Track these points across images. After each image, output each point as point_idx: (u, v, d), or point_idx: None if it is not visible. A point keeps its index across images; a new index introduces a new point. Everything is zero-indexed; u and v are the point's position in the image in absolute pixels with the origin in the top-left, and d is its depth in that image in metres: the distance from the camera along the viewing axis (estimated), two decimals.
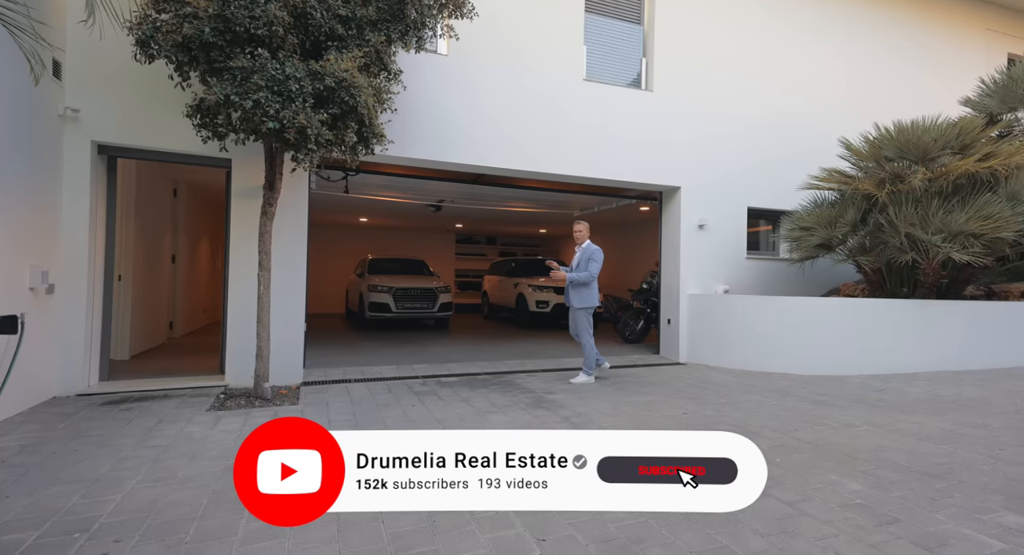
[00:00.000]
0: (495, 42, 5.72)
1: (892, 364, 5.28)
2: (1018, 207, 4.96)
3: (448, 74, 5.58)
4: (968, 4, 8.84)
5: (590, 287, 5.21)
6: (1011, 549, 2.03)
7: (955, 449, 3.19)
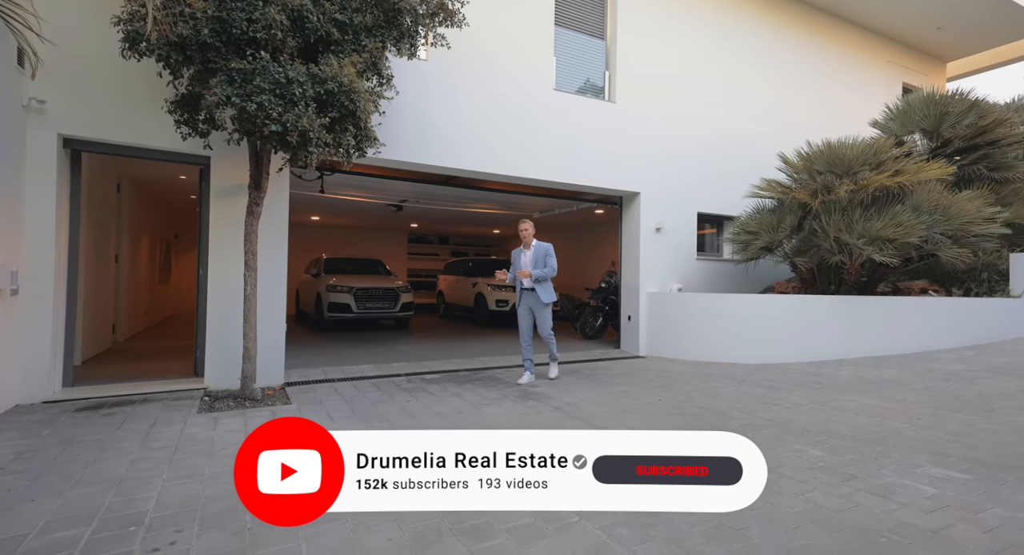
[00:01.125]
0: (473, 50, 5.92)
1: (824, 352, 6.05)
2: (920, 216, 5.86)
3: (428, 79, 5.73)
4: (874, 38, 10.08)
5: (550, 282, 5.31)
6: (939, 492, 2.55)
7: (884, 420, 3.81)
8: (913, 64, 10.86)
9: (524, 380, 5.23)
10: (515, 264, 5.42)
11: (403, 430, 1.82)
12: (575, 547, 2.07)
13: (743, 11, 8.27)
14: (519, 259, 5.42)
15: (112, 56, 4.35)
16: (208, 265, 4.85)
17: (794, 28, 8.88)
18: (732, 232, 7.17)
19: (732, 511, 1.66)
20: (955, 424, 3.63)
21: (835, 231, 5.76)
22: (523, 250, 5.44)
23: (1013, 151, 7.49)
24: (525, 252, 5.41)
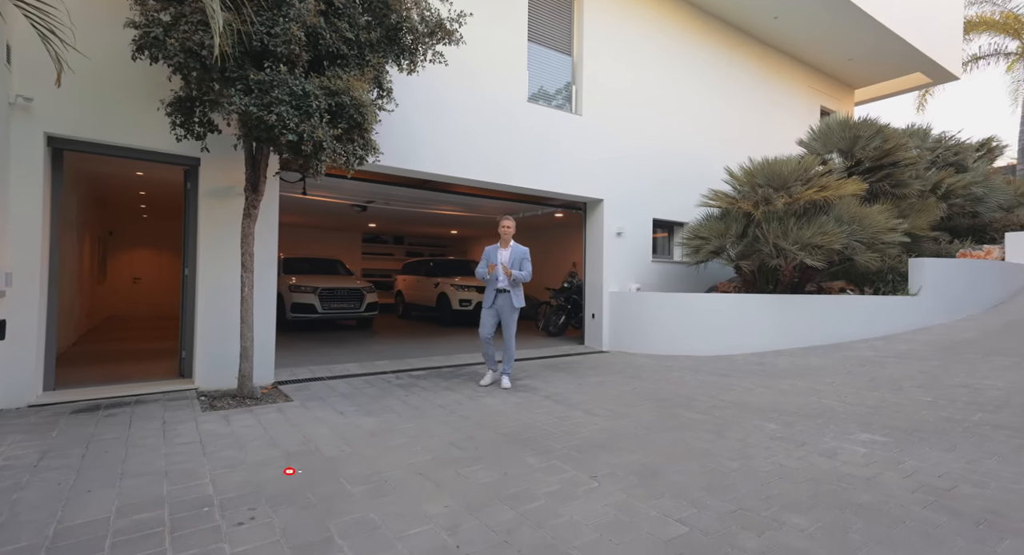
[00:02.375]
0: (454, 63, 6.23)
1: (763, 344, 6.89)
2: (841, 226, 6.82)
3: (415, 90, 5.97)
4: (798, 65, 11.32)
5: (521, 287, 5.21)
6: (868, 451, 3.22)
7: (819, 399, 4.55)
8: (828, 89, 12.28)
9: (486, 380, 5.18)
10: (490, 261, 5.16)
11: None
12: (603, 503, 2.50)
13: (689, 37, 9.08)
14: (495, 257, 5.18)
15: (101, 55, 4.32)
16: (198, 265, 4.87)
17: (732, 53, 9.84)
18: (684, 237, 7.93)
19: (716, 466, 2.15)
20: (873, 400, 4.42)
21: (774, 238, 6.60)
22: (499, 248, 5.23)
23: (908, 171, 8.77)
24: (502, 251, 5.21)
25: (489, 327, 5.17)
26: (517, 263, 5.14)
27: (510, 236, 5.23)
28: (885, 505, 2.47)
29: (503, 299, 5.14)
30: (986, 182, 10.50)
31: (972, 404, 4.19)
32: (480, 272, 5.22)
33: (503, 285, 5.12)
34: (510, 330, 5.18)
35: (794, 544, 2.12)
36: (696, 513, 2.40)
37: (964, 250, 9.62)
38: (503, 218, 5.29)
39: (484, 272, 5.17)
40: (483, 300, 5.29)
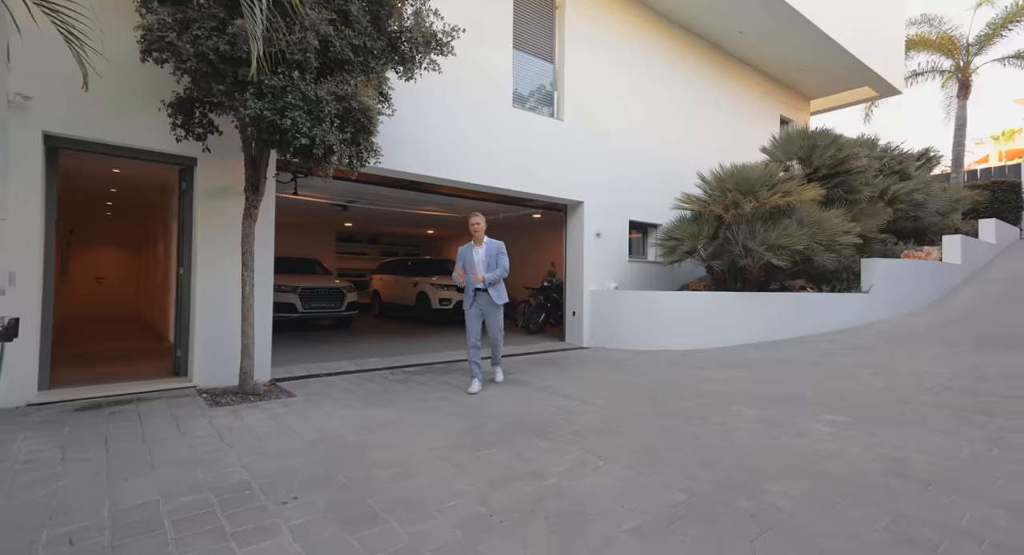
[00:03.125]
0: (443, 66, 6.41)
1: (734, 338, 7.38)
2: (803, 228, 7.39)
3: (405, 93, 6.12)
4: (760, 77, 12.01)
5: (503, 283, 5.10)
6: (834, 430, 3.63)
7: (788, 387, 5.00)
8: (787, 100, 13.06)
9: (474, 388, 4.83)
10: (465, 261, 5.03)
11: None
12: (611, 478, 2.79)
13: (662, 49, 9.54)
14: (470, 256, 5.02)
15: (98, 55, 4.31)
16: (196, 265, 4.90)
17: (701, 64, 10.38)
18: (659, 238, 8.36)
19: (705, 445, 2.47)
20: (835, 387, 4.90)
21: (743, 239, 7.09)
22: (474, 247, 5.06)
23: (859, 178, 9.50)
24: (476, 249, 5.03)
25: (476, 331, 4.99)
26: (493, 259, 4.98)
27: (483, 232, 5.07)
28: (851, 472, 2.86)
29: (484, 298, 5.02)
30: (926, 189, 11.43)
31: (918, 388, 4.71)
32: (454, 276, 5.10)
33: (479, 285, 4.97)
34: (495, 326, 5.09)
35: (780, 504, 2.46)
36: (693, 484, 2.72)
37: (908, 251, 10.48)
38: (472, 215, 5.09)
39: (454, 277, 5.05)
40: (463, 301, 5.13)
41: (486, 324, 5.12)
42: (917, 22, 15.27)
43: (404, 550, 2.05)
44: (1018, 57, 14.63)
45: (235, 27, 3.68)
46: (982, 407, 4.08)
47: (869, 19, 11.76)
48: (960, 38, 15.10)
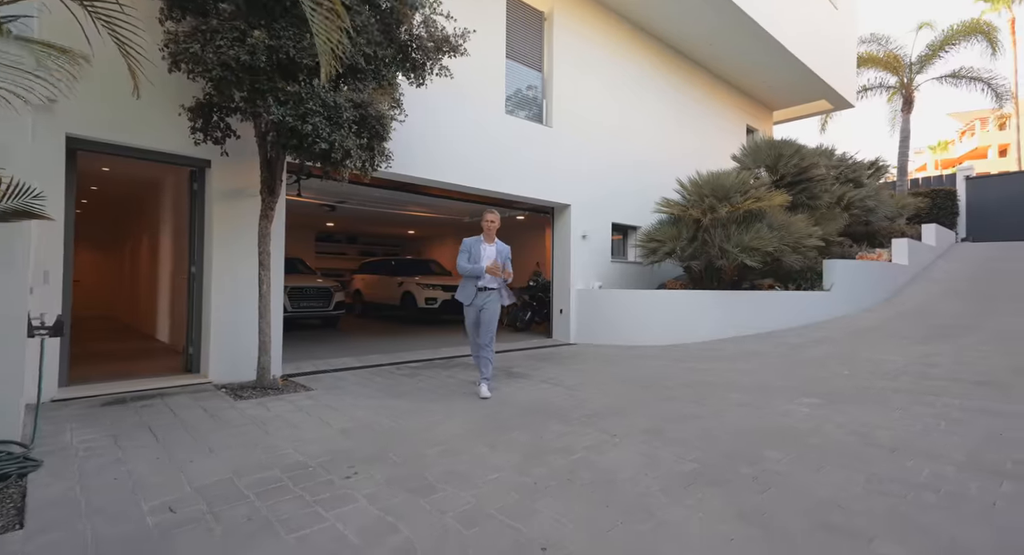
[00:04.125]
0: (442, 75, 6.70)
1: (711, 333, 7.94)
2: (773, 232, 8.02)
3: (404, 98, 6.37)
4: (729, 88, 12.75)
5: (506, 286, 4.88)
6: (810, 411, 4.13)
7: (764, 376, 5.52)
8: (753, 110, 13.88)
9: (484, 392, 4.60)
10: (473, 253, 4.75)
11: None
12: (629, 452, 3.18)
13: (641, 59, 10.07)
14: (478, 250, 4.73)
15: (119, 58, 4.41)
16: (212, 264, 5.03)
17: (677, 75, 10.99)
18: (640, 239, 8.86)
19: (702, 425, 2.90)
20: (805, 375, 5.45)
21: (720, 241, 7.66)
22: (483, 243, 4.78)
23: (820, 186, 10.28)
24: (486, 245, 4.77)
25: (476, 328, 4.73)
26: (502, 262, 4.75)
27: (494, 230, 4.82)
28: (828, 443, 3.34)
29: (487, 296, 4.70)
30: (876, 196, 12.39)
31: (877, 374, 5.32)
32: (470, 268, 4.63)
33: (489, 284, 4.70)
34: (492, 330, 4.71)
35: (775, 469, 2.90)
36: (700, 455, 3.13)
37: (862, 253, 11.38)
38: (488, 211, 4.83)
39: (475, 268, 4.60)
40: (459, 295, 4.77)
41: (481, 325, 4.70)
42: (867, 40, 16.45)
43: (472, 509, 2.37)
44: (953, 76, 15.99)
45: (254, 38, 3.88)
46: (931, 389, 4.69)
47: (826, 37, 12.66)
48: (904, 57, 16.36)
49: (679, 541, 2.13)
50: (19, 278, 2.97)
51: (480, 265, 4.65)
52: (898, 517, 2.32)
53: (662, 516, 2.35)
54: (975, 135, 42.86)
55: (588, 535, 2.17)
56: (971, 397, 4.37)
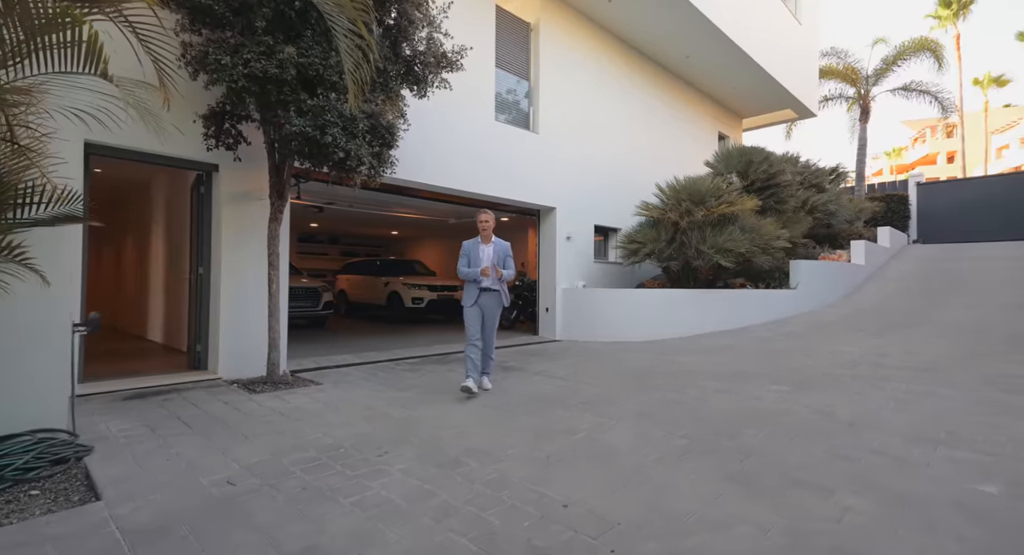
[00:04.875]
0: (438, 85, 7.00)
1: (688, 329, 8.46)
2: (745, 234, 8.60)
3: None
4: (702, 97, 13.41)
5: (505, 284, 4.94)
6: (780, 396, 4.62)
7: (738, 366, 6.03)
8: (724, 118, 14.60)
9: (486, 384, 4.86)
10: (471, 257, 4.83)
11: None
12: (625, 431, 3.58)
13: (622, 70, 10.57)
14: (476, 252, 4.81)
15: (135, 66, 4.58)
16: (221, 266, 5.21)
17: (655, 84, 11.54)
18: (622, 241, 9.34)
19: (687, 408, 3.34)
20: (775, 364, 5.98)
21: (696, 243, 8.19)
22: (481, 244, 4.84)
23: (786, 191, 10.98)
24: (484, 247, 4.83)
25: (477, 328, 4.79)
26: (501, 260, 4.85)
27: (491, 230, 4.89)
28: (796, 421, 3.81)
29: (493, 298, 4.83)
30: (837, 201, 13.23)
31: (837, 364, 5.89)
32: (467, 272, 4.79)
33: (490, 284, 4.79)
34: (494, 329, 4.89)
35: (753, 443, 3.34)
36: (688, 432, 3.56)
37: (824, 254, 12.16)
38: (481, 212, 4.90)
39: (471, 272, 4.75)
40: (464, 299, 4.89)
41: (485, 325, 4.82)
42: (828, 54, 17.43)
43: (498, 479, 2.72)
44: (904, 89, 17.15)
45: (284, 54, 4.14)
46: (883, 375, 5.26)
47: (791, 51, 13.45)
48: (862, 70, 17.42)
49: (676, 497, 2.53)
50: (64, 279, 3.17)
51: (476, 269, 4.73)
52: (854, 476, 2.78)
53: (660, 479, 2.75)
54: (926, 142, 45.38)
55: (600, 495, 2.55)
56: (917, 381, 4.95)
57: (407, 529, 2.19)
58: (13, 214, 2.73)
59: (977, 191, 16.75)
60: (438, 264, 15.23)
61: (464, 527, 2.21)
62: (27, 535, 2.10)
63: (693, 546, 2.08)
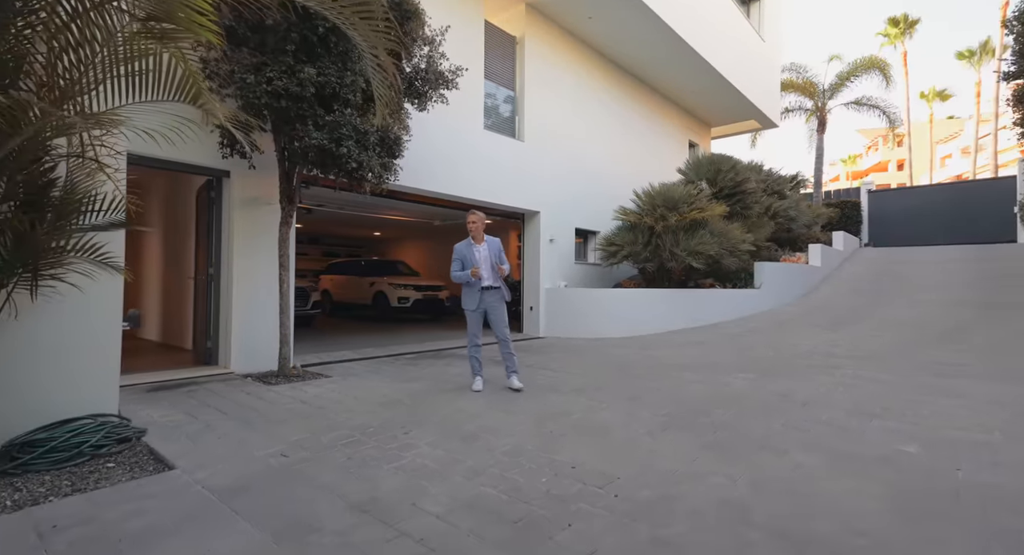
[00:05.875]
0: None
1: (663, 325, 9.09)
2: (714, 238, 9.30)
3: None
4: (675, 107, 14.19)
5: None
6: (748, 382, 5.23)
7: (710, 358, 6.66)
8: (694, 127, 15.43)
9: (478, 385, 4.90)
10: (466, 259, 4.89)
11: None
12: (615, 412, 4.10)
13: (601, 82, 11.18)
14: (471, 253, 4.87)
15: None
16: (232, 266, 5.51)
17: (632, 96, 12.21)
18: (601, 244, 9.93)
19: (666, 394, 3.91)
20: (742, 356, 6.64)
21: (671, 246, 8.84)
22: (473, 245, 4.92)
23: (751, 197, 11.80)
24: (477, 247, 4.91)
25: (477, 327, 4.92)
26: (496, 256, 4.90)
27: (482, 230, 4.97)
28: (759, 403, 4.41)
29: (494, 295, 4.90)
30: (797, 207, 14.19)
31: (795, 355, 6.58)
32: (460, 275, 4.82)
33: (490, 282, 4.88)
34: (505, 325, 4.93)
35: (724, 419, 3.90)
36: (669, 412, 4.10)
37: (785, 257, 13.07)
38: (470, 212, 5.00)
39: (463, 275, 4.79)
40: (464, 303, 4.96)
41: (493, 323, 4.94)
42: (788, 69, 18.54)
43: (513, 449, 3.20)
44: (856, 103, 18.45)
45: (305, 74, 4.51)
46: (833, 364, 5.96)
47: (755, 66, 14.36)
48: (819, 84, 18.61)
49: (663, 459, 3.06)
50: (118, 279, 3.48)
51: (466, 272, 4.81)
52: (805, 442, 3.37)
53: (648, 447, 3.27)
54: (879, 150, 48.01)
55: (600, 459, 3.05)
56: (861, 368, 5.66)
57: (446, 485, 2.64)
58: (85, 219, 3.05)
59: (921, 199, 18.13)
60: (420, 264, 15.57)
61: (492, 483, 2.68)
62: (125, 495, 2.46)
63: (679, 492, 2.60)
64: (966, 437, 3.37)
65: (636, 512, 2.37)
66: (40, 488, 2.52)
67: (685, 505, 2.45)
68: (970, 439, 3.32)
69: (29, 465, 2.70)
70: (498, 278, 4.94)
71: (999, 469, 2.84)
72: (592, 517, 2.32)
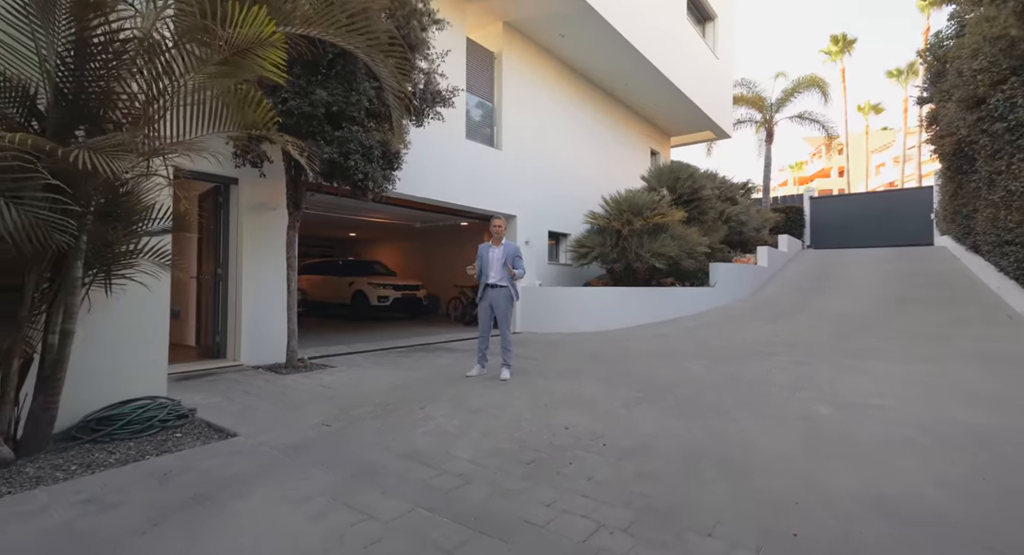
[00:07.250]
0: None
1: (629, 321, 9.96)
2: (675, 241, 10.24)
3: None
4: (638, 118, 15.19)
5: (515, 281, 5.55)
6: (704, 368, 6.09)
7: (672, 347, 7.52)
8: (655, 136, 16.51)
9: (474, 372, 5.55)
10: (484, 259, 5.53)
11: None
12: (594, 391, 4.84)
13: (572, 94, 12.00)
14: (488, 255, 5.50)
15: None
16: (242, 266, 5.95)
17: (599, 107, 13.09)
18: (572, 246, 10.72)
19: (636, 377, 4.70)
20: (699, 345, 7.54)
21: (636, 248, 9.72)
22: (491, 246, 5.53)
23: (707, 203, 12.88)
24: (494, 249, 5.50)
25: (487, 323, 5.57)
26: (511, 260, 5.45)
27: (502, 234, 5.59)
28: (714, 383, 5.24)
29: (501, 293, 5.52)
30: (747, 212, 15.46)
31: (743, 344, 7.53)
32: (471, 272, 5.66)
33: (495, 281, 5.49)
34: (507, 321, 5.57)
35: (685, 395, 4.70)
36: (641, 389, 4.88)
37: (736, 258, 14.27)
38: (494, 218, 5.79)
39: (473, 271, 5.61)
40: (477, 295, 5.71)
41: (496, 318, 5.59)
42: (740, 84, 20.01)
43: (515, 417, 3.87)
44: (799, 117, 20.18)
45: (317, 95, 5.04)
46: (773, 351, 6.92)
47: (709, 81, 15.55)
48: (767, 99, 20.16)
49: (638, 423, 3.80)
50: (167, 277, 3.94)
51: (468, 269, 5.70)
52: (746, 407, 4.19)
53: (626, 415, 4.02)
54: (822, 158, 51.26)
55: (588, 422, 3.77)
56: (796, 355, 6.63)
57: (468, 442, 3.29)
58: (147, 226, 3.52)
59: (857, 205, 19.91)
60: (396, 265, 15.98)
61: (504, 440, 3.35)
62: (208, 453, 3.00)
63: (653, 443, 3.34)
64: (866, 402, 4.28)
65: (621, 455, 3.10)
66: (131, 451, 3.02)
67: (658, 452, 3.19)
68: (868, 403, 4.24)
69: (113, 435, 3.18)
70: (506, 278, 5.51)
71: (885, 423, 3.74)
72: (587, 459, 3.03)
